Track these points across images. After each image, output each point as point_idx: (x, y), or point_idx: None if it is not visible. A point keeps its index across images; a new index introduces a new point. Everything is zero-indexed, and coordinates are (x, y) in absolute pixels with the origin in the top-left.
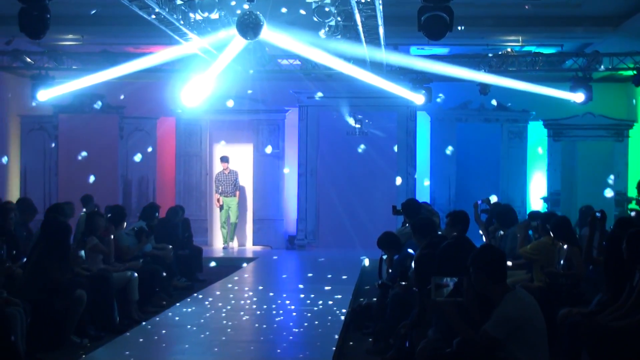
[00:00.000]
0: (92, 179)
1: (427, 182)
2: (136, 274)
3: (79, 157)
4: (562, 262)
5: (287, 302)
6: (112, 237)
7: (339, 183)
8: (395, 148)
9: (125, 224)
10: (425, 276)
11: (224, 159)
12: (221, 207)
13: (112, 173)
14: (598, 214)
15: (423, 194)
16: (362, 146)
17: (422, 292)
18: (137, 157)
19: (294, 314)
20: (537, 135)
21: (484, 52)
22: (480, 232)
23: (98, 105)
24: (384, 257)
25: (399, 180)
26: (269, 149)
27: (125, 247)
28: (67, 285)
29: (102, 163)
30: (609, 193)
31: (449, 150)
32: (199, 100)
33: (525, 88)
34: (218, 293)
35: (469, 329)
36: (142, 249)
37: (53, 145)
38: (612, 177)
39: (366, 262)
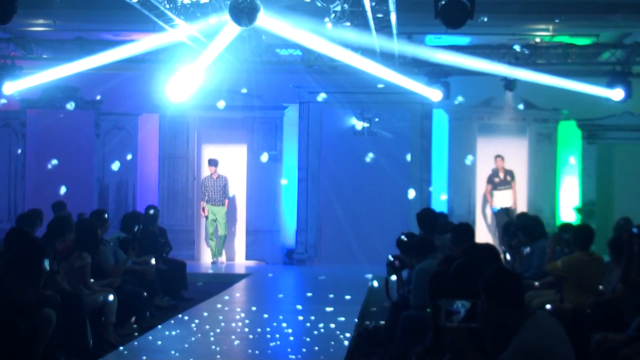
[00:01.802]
0: (63, 184)
1: (444, 197)
2: (112, 296)
3: (50, 159)
4: (612, 283)
5: (284, 324)
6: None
7: (343, 190)
8: (409, 157)
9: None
10: (440, 297)
11: (212, 162)
12: (207, 217)
13: (87, 176)
14: (635, 230)
15: (439, 202)
16: (371, 155)
17: (436, 314)
18: (115, 166)
19: (292, 338)
20: (569, 137)
21: (509, 42)
22: (502, 246)
23: (71, 100)
24: (391, 277)
25: (412, 194)
26: (264, 157)
27: (111, 265)
28: (33, 304)
29: (75, 165)
30: None
31: (469, 160)
32: (186, 95)
33: (556, 83)
34: (206, 314)
35: (483, 359)
36: (129, 262)
37: (20, 145)
38: None
39: (375, 283)
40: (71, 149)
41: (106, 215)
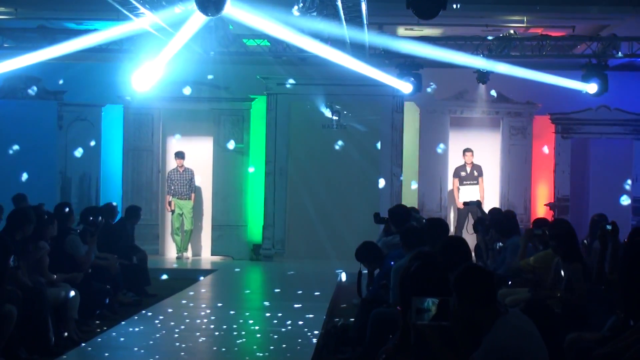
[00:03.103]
0: (25, 175)
1: (414, 187)
2: (73, 292)
3: (10, 151)
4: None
5: (251, 321)
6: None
7: (312, 184)
8: (379, 145)
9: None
10: (410, 294)
11: (179, 155)
12: (173, 211)
13: (49, 169)
14: (609, 227)
15: (410, 197)
16: (340, 142)
17: (406, 312)
18: (78, 152)
19: (259, 335)
20: (543, 131)
21: (482, 34)
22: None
23: (33, 90)
24: (364, 271)
25: (382, 183)
26: (231, 145)
27: (82, 255)
28: None
29: (37, 157)
30: (625, 201)
31: (441, 148)
32: (150, 85)
33: (530, 76)
34: (170, 310)
35: (454, 357)
36: (92, 252)
37: None
38: (629, 182)
39: (343, 276)
40: (32, 140)
41: (67, 209)
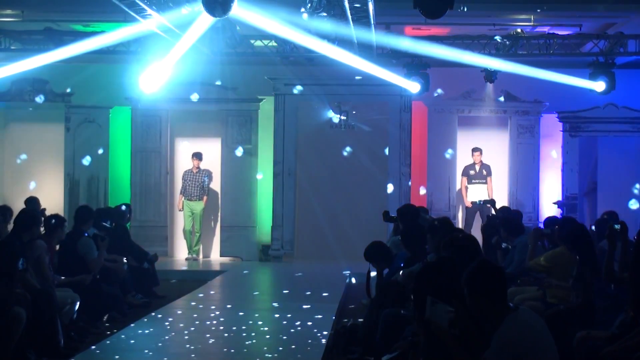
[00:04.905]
0: (33, 179)
1: (423, 192)
2: (78, 303)
3: (18, 154)
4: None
5: (260, 322)
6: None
7: (320, 184)
8: (387, 150)
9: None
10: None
11: (196, 156)
12: (181, 210)
13: (57, 171)
14: (617, 226)
15: (418, 196)
16: (348, 149)
17: (420, 314)
18: (86, 161)
19: (268, 336)
20: (551, 130)
21: (490, 33)
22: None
23: (41, 93)
24: (373, 271)
25: (390, 188)
26: (239, 151)
27: (94, 259)
28: (2, 302)
29: (45, 159)
30: (634, 205)
31: (449, 153)
32: (158, 87)
33: (538, 75)
34: (179, 312)
35: (468, 355)
36: (102, 257)
37: None
38: (637, 186)
39: (352, 280)
40: (40, 143)
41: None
